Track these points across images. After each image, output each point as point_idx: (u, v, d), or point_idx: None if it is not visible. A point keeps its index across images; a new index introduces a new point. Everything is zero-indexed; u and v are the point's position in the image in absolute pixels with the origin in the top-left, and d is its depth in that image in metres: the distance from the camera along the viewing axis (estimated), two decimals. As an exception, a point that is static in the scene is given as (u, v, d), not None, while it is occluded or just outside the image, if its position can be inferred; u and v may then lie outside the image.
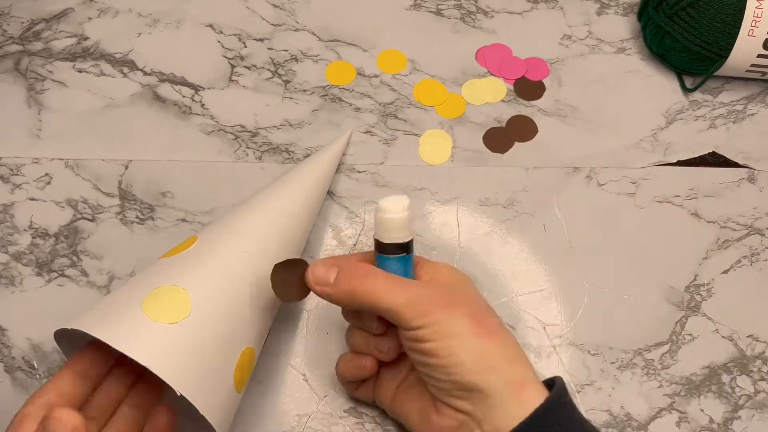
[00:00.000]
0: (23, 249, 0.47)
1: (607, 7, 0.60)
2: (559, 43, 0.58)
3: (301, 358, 0.44)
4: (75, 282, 0.46)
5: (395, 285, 0.36)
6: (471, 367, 0.34)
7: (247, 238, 0.40)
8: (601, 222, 0.49)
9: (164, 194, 0.49)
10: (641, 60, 0.57)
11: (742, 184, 0.51)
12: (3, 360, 0.43)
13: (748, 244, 0.49)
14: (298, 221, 0.43)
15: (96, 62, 0.55)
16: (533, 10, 0.60)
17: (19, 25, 0.57)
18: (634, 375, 0.44)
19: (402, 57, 0.56)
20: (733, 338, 0.45)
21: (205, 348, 0.35)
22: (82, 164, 0.50)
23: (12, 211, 0.48)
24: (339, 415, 0.42)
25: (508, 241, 0.48)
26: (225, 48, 0.56)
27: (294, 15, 0.58)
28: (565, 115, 0.54)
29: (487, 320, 0.36)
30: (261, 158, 0.51)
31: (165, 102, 0.54)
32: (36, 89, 0.54)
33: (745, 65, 0.52)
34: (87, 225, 0.48)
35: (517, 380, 0.34)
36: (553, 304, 0.46)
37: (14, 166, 0.50)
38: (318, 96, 0.54)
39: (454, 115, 0.54)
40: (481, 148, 0.52)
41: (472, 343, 0.34)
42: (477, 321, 0.35)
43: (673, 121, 0.54)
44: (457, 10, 0.59)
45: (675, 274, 0.48)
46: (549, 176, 0.51)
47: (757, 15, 0.50)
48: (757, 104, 0.55)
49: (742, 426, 0.43)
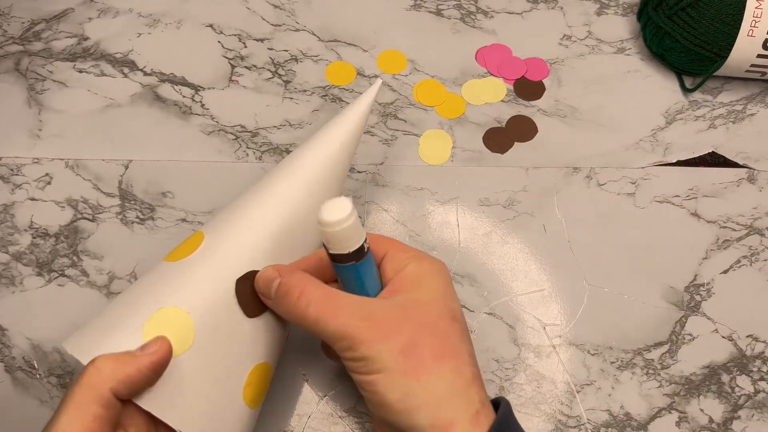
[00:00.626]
0: (23, 249, 0.47)
1: (607, 8, 0.60)
2: (558, 43, 0.58)
3: (301, 358, 0.44)
4: (75, 282, 0.46)
5: (327, 310, 0.34)
6: (395, 407, 0.32)
7: (257, 234, 0.38)
8: (601, 222, 0.49)
9: (164, 194, 0.49)
10: (641, 60, 0.57)
11: (742, 184, 0.51)
12: (3, 360, 0.43)
13: (747, 244, 0.49)
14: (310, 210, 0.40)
15: (96, 62, 0.55)
16: (533, 10, 0.60)
17: (20, 26, 0.57)
18: (634, 375, 0.44)
19: (402, 57, 0.56)
20: (733, 338, 0.45)
21: (209, 379, 0.33)
22: (83, 164, 0.51)
23: (12, 211, 0.49)
24: (339, 415, 0.42)
25: (508, 241, 0.48)
26: (225, 48, 0.56)
27: (294, 15, 0.58)
28: (565, 115, 0.54)
29: (425, 351, 0.33)
30: (261, 158, 0.51)
31: (165, 102, 0.54)
32: (36, 89, 0.54)
33: (744, 65, 0.52)
34: (87, 225, 0.48)
35: (443, 422, 0.32)
36: (553, 304, 0.46)
37: (14, 166, 0.50)
38: (318, 96, 0.54)
39: (454, 115, 0.54)
40: (481, 148, 0.52)
41: (397, 382, 0.32)
42: (409, 355, 0.33)
43: (673, 121, 0.54)
44: (457, 10, 0.59)
45: (675, 274, 0.48)
46: (549, 176, 0.51)
47: (756, 15, 0.50)
48: (757, 104, 0.55)
49: (742, 426, 0.43)
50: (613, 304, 0.46)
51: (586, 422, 0.42)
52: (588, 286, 0.47)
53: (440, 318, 0.34)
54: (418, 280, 0.36)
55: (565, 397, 0.43)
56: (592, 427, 0.42)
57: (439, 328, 0.34)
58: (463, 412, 0.32)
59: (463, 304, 0.46)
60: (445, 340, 0.34)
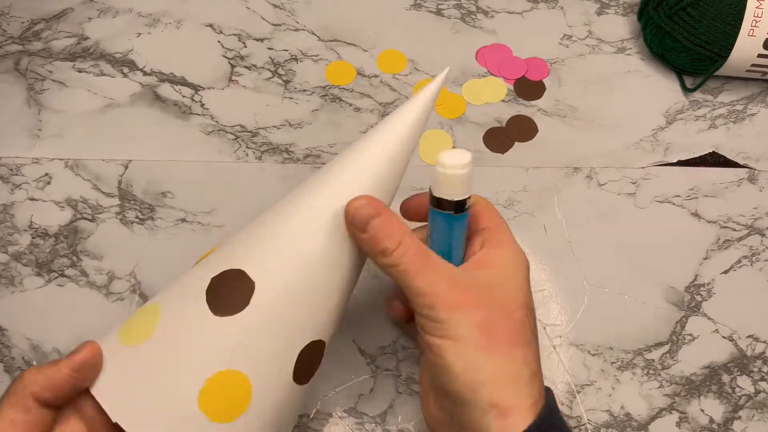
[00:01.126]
0: (23, 249, 0.47)
1: (607, 7, 0.60)
2: (559, 43, 0.58)
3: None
4: (75, 282, 0.46)
5: (418, 265, 0.33)
6: (460, 377, 0.32)
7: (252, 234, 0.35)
8: (601, 222, 0.49)
9: (164, 194, 0.49)
10: (641, 60, 0.57)
11: (742, 184, 0.51)
12: (3, 360, 0.43)
13: (748, 244, 0.49)
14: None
15: (96, 62, 0.55)
16: (533, 10, 0.60)
17: (19, 25, 0.57)
18: (635, 375, 0.44)
19: (402, 57, 0.56)
20: (733, 338, 0.45)
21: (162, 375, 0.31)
22: (82, 164, 0.50)
23: (12, 211, 0.48)
24: (339, 415, 0.42)
25: (508, 241, 0.48)
26: (225, 48, 0.56)
27: (294, 15, 0.58)
28: (565, 115, 0.54)
29: (500, 333, 0.33)
30: (261, 158, 0.51)
31: (165, 102, 0.54)
32: (36, 89, 0.54)
33: (745, 65, 0.52)
34: (87, 225, 0.48)
35: (504, 404, 0.31)
36: (553, 304, 0.46)
37: (14, 166, 0.50)
38: (318, 96, 0.54)
39: (454, 115, 0.54)
40: (481, 148, 0.52)
41: (468, 353, 0.32)
42: (486, 331, 0.32)
43: (673, 121, 0.54)
44: (457, 10, 0.59)
45: (675, 274, 0.48)
46: (549, 176, 0.51)
47: (757, 15, 0.50)
48: (757, 104, 0.55)
49: (742, 426, 0.43)
50: (613, 304, 0.46)
51: (586, 422, 0.42)
52: (588, 286, 0.47)
53: (519, 309, 0.34)
54: (504, 266, 0.35)
55: (565, 397, 0.43)
56: (592, 427, 0.42)
57: (517, 317, 0.34)
58: (524, 399, 0.32)
59: (463, 304, 0.46)
60: (520, 329, 0.34)
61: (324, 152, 0.52)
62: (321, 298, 0.34)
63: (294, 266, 0.33)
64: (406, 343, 0.44)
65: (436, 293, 0.33)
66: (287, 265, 0.33)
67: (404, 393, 0.43)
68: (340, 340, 0.44)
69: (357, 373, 0.43)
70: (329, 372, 0.43)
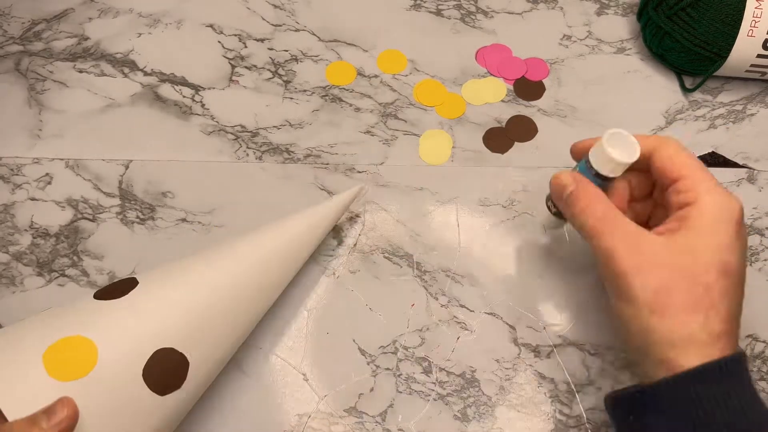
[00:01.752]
0: (24, 249, 0.47)
1: (607, 8, 0.60)
2: (558, 43, 0.58)
3: (301, 358, 0.44)
4: (75, 282, 0.46)
5: (602, 227, 0.37)
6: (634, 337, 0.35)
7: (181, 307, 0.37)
8: (600, 222, 0.49)
9: (165, 194, 0.50)
10: (641, 60, 0.57)
11: (742, 184, 0.51)
12: (3, 360, 0.43)
13: (748, 244, 0.49)
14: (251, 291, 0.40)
15: (96, 62, 0.55)
16: (533, 10, 0.60)
17: (20, 26, 0.57)
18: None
19: (402, 57, 0.56)
20: (733, 338, 0.45)
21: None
22: (83, 164, 0.51)
23: (12, 211, 0.49)
24: (339, 415, 0.42)
25: (508, 241, 0.48)
26: (225, 48, 0.56)
27: (294, 15, 0.58)
28: (565, 115, 0.54)
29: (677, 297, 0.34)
30: (261, 158, 0.51)
31: (165, 102, 0.54)
32: (36, 89, 0.54)
33: (744, 65, 0.52)
34: (87, 225, 0.48)
35: (674, 362, 0.34)
36: (553, 304, 0.46)
37: (15, 166, 0.50)
38: (318, 96, 0.54)
39: (454, 115, 0.54)
40: (481, 148, 0.52)
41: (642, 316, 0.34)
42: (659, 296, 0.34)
43: (673, 121, 0.54)
44: (457, 10, 0.59)
45: (675, 274, 0.48)
46: (549, 176, 0.51)
47: (756, 15, 0.50)
48: (757, 104, 0.55)
49: (742, 426, 0.43)
50: (613, 304, 0.46)
51: (586, 422, 0.42)
52: (588, 286, 0.47)
53: (707, 271, 0.35)
54: (702, 221, 0.36)
55: (565, 397, 0.43)
56: (592, 427, 0.42)
57: (701, 281, 0.35)
58: (697, 358, 0.33)
59: (463, 304, 0.46)
60: (704, 294, 0.34)
61: (324, 152, 0.52)
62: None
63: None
64: (406, 343, 0.44)
65: (615, 256, 0.35)
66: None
67: (404, 392, 0.43)
68: (340, 340, 0.44)
69: (357, 372, 0.43)
70: (329, 371, 0.43)
